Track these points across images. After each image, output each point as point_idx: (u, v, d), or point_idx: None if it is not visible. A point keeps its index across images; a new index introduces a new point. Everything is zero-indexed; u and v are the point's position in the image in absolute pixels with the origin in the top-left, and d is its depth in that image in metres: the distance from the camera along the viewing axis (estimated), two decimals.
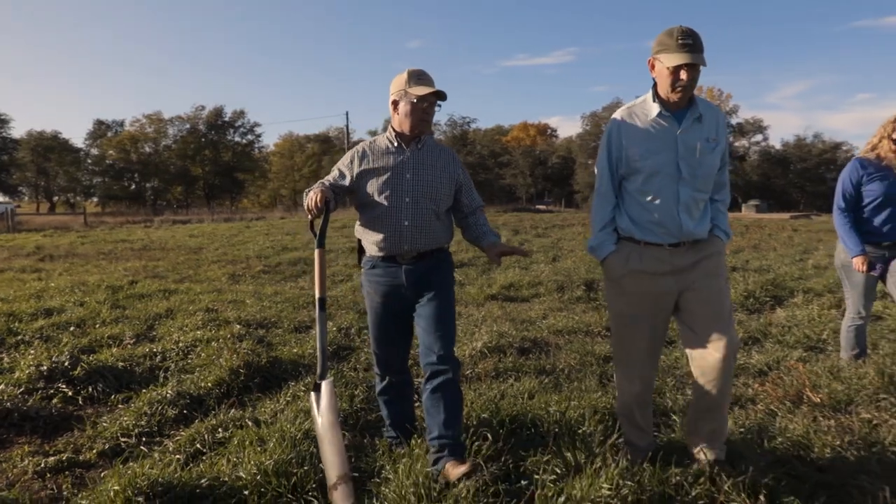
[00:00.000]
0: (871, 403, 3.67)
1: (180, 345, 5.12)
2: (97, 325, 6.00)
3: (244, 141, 62.48)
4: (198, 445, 3.23)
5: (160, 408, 3.74)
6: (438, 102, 2.98)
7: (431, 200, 2.96)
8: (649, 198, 2.77)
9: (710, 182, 2.83)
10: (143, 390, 4.08)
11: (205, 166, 59.86)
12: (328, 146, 71.42)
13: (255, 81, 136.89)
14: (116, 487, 2.53)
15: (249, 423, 3.37)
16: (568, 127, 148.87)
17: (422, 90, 2.87)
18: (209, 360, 4.62)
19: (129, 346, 5.19)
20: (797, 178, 58.31)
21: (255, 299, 7.46)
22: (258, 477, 2.70)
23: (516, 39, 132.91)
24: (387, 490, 2.60)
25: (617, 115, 2.86)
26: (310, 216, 2.81)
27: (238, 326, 5.67)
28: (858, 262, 4.26)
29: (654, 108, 2.73)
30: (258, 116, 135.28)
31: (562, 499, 2.34)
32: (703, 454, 2.80)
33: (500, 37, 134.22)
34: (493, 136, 74.89)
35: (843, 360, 4.56)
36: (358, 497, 2.56)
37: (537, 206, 49.89)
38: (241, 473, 2.72)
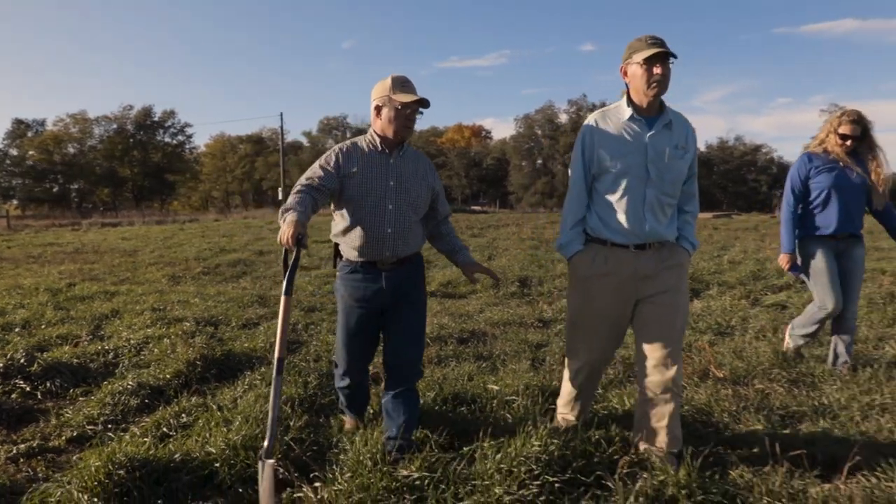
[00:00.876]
0: (765, 377, 4.21)
1: (132, 342, 5.27)
2: (43, 326, 6.07)
3: (174, 142, 61.00)
4: (164, 429, 3.46)
5: (122, 398, 3.94)
6: (421, 109, 3.03)
7: (412, 208, 3.04)
8: (618, 197, 2.90)
9: (677, 188, 2.97)
10: (105, 382, 4.27)
11: (133, 167, 58.16)
12: (261, 147, 70.46)
13: (187, 81, 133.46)
14: (98, 463, 2.77)
15: (213, 407, 3.64)
16: (502, 129, 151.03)
17: (406, 97, 2.92)
18: (163, 355, 4.82)
19: (85, 343, 5.33)
20: (720, 179, 60.92)
21: (199, 299, 7.60)
22: (226, 451, 2.98)
23: (450, 41, 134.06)
24: (345, 458, 2.92)
25: (591, 118, 3.02)
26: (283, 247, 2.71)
27: (188, 324, 5.85)
28: (783, 260, 4.46)
29: (627, 112, 2.90)
30: (189, 117, 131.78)
31: (499, 455, 2.72)
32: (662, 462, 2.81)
33: (433, 39, 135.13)
34: (428, 137, 75.45)
35: (790, 342, 4.69)
36: None
37: (472, 207, 50.63)
38: (211, 449, 3.00)
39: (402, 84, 2.95)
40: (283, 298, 2.69)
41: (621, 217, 2.89)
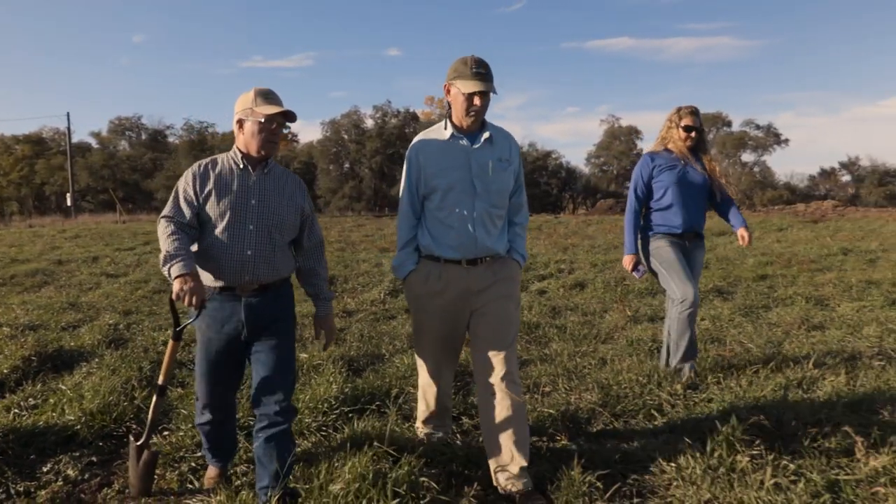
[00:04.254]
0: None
1: None
2: None
3: None
4: (16, 411, 4.02)
5: None
6: (287, 123, 2.86)
7: (276, 230, 2.80)
8: (447, 214, 2.96)
9: (504, 199, 3.06)
10: None
11: None
12: (42, 148, 64.30)
13: None
14: None
15: (63, 388, 4.24)
16: (308, 132, 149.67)
17: (269, 109, 2.72)
18: None
19: None
20: None
21: (4, 308, 7.67)
22: (83, 417, 3.68)
23: (252, 40, 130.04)
24: (184, 413, 3.76)
25: (416, 138, 3.10)
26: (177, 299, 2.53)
27: (7, 328, 6.13)
28: (627, 261, 4.41)
29: (449, 131, 3.00)
30: None
31: (308, 397, 3.74)
32: (511, 483, 2.84)
33: (234, 36, 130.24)
34: (232, 140, 73.34)
35: (675, 366, 4.40)
36: None
37: None
38: (70, 416, 3.68)
39: (265, 96, 2.77)
40: (171, 343, 2.76)
41: (452, 233, 2.95)
